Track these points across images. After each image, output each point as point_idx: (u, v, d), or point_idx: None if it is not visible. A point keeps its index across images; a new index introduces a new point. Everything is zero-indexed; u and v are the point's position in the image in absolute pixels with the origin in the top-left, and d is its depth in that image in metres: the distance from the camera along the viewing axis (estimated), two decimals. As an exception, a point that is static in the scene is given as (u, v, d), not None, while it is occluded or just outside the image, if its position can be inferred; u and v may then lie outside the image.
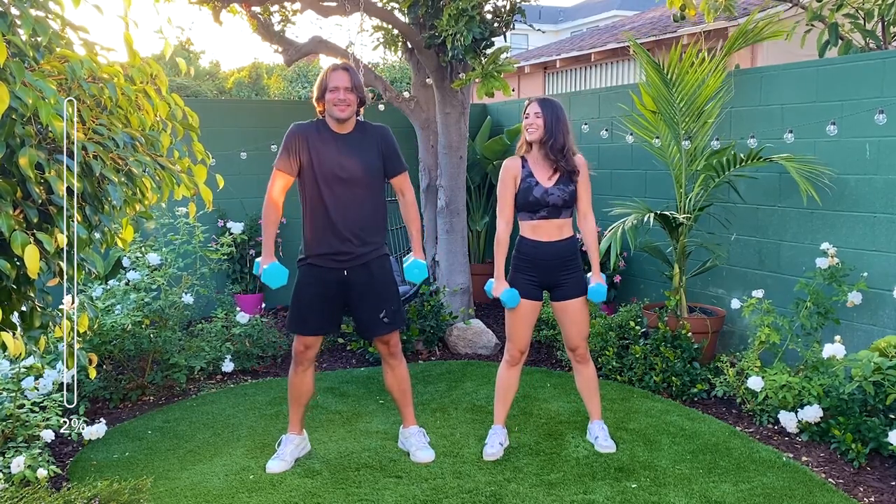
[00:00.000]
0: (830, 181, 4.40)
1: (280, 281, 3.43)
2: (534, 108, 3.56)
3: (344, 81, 3.33)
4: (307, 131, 3.42)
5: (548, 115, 3.53)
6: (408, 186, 3.58)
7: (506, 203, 3.61)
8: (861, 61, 4.39)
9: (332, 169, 3.36)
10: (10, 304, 2.22)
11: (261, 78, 21.03)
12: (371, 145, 3.44)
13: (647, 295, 5.68)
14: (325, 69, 3.46)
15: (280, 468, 3.48)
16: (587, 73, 12.91)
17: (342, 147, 3.39)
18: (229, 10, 5.97)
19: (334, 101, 3.34)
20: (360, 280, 3.46)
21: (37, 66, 2.08)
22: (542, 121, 3.52)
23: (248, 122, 6.60)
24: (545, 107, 3.55)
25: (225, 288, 6.27)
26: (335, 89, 3.33)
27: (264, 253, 3.51)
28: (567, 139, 3.55)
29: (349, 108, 3.37)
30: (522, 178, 3.55)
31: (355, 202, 3.40)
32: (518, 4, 5.59)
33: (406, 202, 3.59)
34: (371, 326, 3.52)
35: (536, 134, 3.53)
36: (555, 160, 3.52)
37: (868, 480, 3.37)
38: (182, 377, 4.55)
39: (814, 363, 4.00)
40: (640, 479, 3.36)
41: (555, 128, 3.52)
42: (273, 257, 3.50)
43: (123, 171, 2.20)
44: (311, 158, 3.38)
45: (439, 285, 5.87)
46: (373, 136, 3.47)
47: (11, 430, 3.39)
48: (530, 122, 3.55)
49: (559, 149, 3.52)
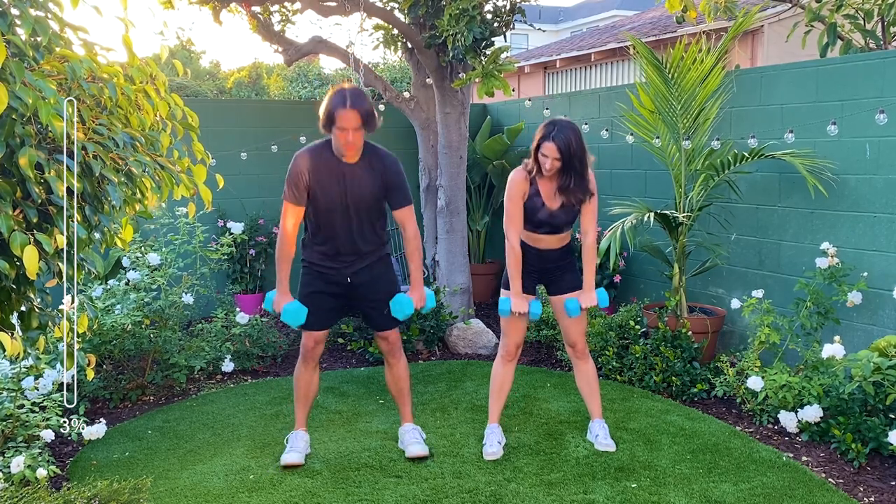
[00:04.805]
0: (830, 181, 4.40)
1: (300, 320, 3.42)
2: (552, 151, 3.37)
3: (353, 122, 3.17)
4: (310, 163, 3.33)
5: (565, 155, 3.37)
6: (410, 220, 3.48)
7: (516, 217, 3.52)
8: (861, 61, 4.39)
9: (335, 199, 3.37)
10: (9, 304, 2.22)
11: (261, 78, 21.02)
12: (376, 177, 3.37)
13: (647, 295, 5.68)
14: (333, 97, 3.23)
15: (296, 460, 3.48)
16: (587, 73, 12.91)
17: (346, 177, 3.33)
18: (229, 10, 5.96)
19: (343, 142, 3.23)
20: (363, 280, 3.52)
21: (37, 66, 2.08)
22: (560, 162, 3.39)
23: (248, 122, 6.60)
24: (563, 146, 3.36)
25: (225, 288, 6.27)
26: (343, 130, 3.20)
27: (280, 290, 3.45)
28: (584, 172, 3.44)
29: (357, 151, 3.29)
30: (529, 195, 3.51)
31: (356, 228, 3.44)
32: (518, 4, 5.59)
33: (407, 236, 3.50)
34: (378, 320, 3.60)
35: (551, 172, 3.43)
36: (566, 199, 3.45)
37: (868, 480, 3.37)
38: (182, 377, 4.55)
39: (814, 363, 4.00)
40: (640, 479, 3.36)
41: (572, 167, 3.39)
42: (289, 295, 3.46)
43: (123, 171, 2.20)
44: (314, 190, 3.35)
45: (439, 285, 5.87)
46: (378, 168, 3.37)
47: (11, 430, 3.39)
48: (548, 165, 3.39)
49: (574, 186, 3.42)
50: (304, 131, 6.50)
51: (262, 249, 6.41)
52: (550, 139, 3.39)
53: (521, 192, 3.51)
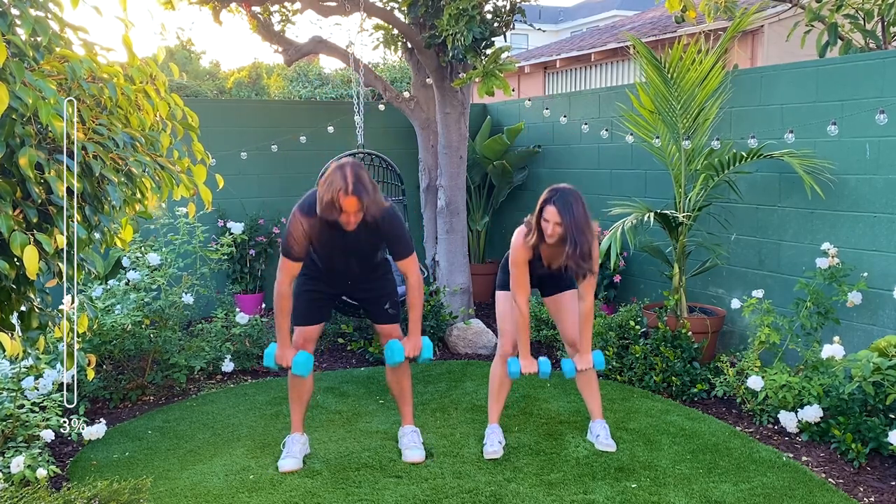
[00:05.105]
0: (830, 182, 4.40)
1: (309, 368, 3.46)
2: (553, 215, 3.29)
3: (353, 207, 3.15)
4: (309, 222, 3.29)
5: (567, 224, 3.27)
6: (413, 270, 3.46)
7: (523, 282, 3.51)
8: (861, 61, 4.39)
9: (334, 250, 3.43)
10: (9, 304, 2.21)
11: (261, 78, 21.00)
12: (375, 233, 3.37)
13: (647, 295, 5.68)
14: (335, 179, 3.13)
15: (294, 466, 3.48)
16: (587, 73, 12.91)
17: (346, 235, 3.31)
18: (229, 10, 5.96)
19: (344, 221, 3.21)
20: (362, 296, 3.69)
21: (37, 66, 2.08)
22: (563, 229, 3.29)
23: (248, 122, 6.60)
24: (565, 215, 3.27)
25: (225, 288, 6.27)
26: (345, 213, 3.18)
27: (281, 343, 3.46)
28: (589, 239, 3.31)
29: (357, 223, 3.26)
30: (531, 260, 3.52)
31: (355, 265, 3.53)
32: (518, 4, 5.59)
33: (410, 284, 3.48)
34: (378, 315, 3.67)
35: (554, 239, 3.35)
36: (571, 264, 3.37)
37: (868, 480, 3.37)
38: (182, 377, 4.55)
39: (814, 363, 4.00)
40: (640, 479, 3.36)
41: (577, 236, 3.27)
42: (291, 347, 3.48)
43: (123, 172, 2.20)
44: (314, 244, 3.38)
45: (439, 285, 5.88)
46: (375, 227, 3.34)
47: (11, 430, 3.39)
48: (549, 230, 3.32)
49: (581, 256, 3.30)
50: (303, 131, 6.51)
51: (262, 249, 6.41)
52: (552, 203, 3.31)
53: (525, 258, 3.49)
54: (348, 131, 6.21)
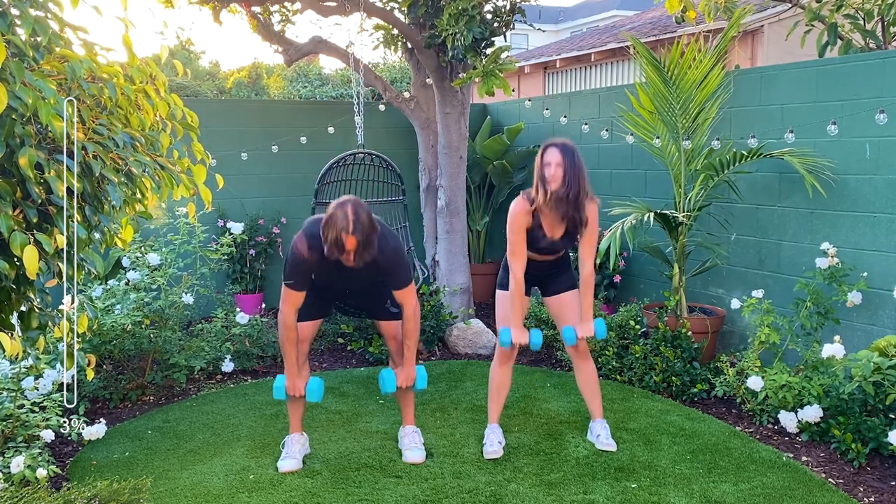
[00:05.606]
0: (830, 181, 4.40)
1: (322, 393, 3.48)
2: (555, 156, 3.40)
3: (354, 245, 3.17)
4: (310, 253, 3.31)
5: (568, 165, 3.38)
6: (409, 300, 3.46)
7: (519, 248, 3.53)
8: (861, 61, 4.39)
9: (332, 280, 3.45)
10: (9, 304, 2.22)
11: (261, 78, 21.01)
12: (372, 269, 3.36)
13: (647, 295, 5.68)
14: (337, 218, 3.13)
15: (293, 466, 3.48)
16: (587, 73, 12.91)
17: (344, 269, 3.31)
18: (229, 10, 5.96)
19: (345, 259, 3.22)
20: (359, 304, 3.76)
21: (37, 66, 2.08)
22: (563, 170, 3.38)
23: (248, 122, 6.60)
24: (566, 155, 3.40)
25: (225, 288, 6.27)
26: (346, 252, 3.19)
27: (290, 374, 3.47)
28: (583, 186, 3.43)
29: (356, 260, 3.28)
30: (531, 227, 3.53)
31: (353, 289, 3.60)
32: (518, 4, 5.59)
33: (407, 314, 3.47)
34: (379, 312, 3.67)
35: (557, 184, 3.39)
36: (565, 213, 3.43)
37: (868, 480, 3.37)
38: (182, 377, 4.55)
39: (814, 363, 4.00)
40: (640, 479, 3.36)
41: (572, 179, 3.38)
42: (301, 377, 3.50)
43: (123, 172, 2.20)
44: (313, 277, 3.41)
45: (439, 285, 5.88)
46: (374, 262, 3.32)
47: (11, 430, 3.39)
48: (552, 172, 3.39)
49: (573, 199, 3.40)
50: (304, 131, 6.52)
51: (262, 249, 6.41)
52: (552, 145, 3.44)
53: (523, 224, 3.50)
54: (348, 131, 6.22)
